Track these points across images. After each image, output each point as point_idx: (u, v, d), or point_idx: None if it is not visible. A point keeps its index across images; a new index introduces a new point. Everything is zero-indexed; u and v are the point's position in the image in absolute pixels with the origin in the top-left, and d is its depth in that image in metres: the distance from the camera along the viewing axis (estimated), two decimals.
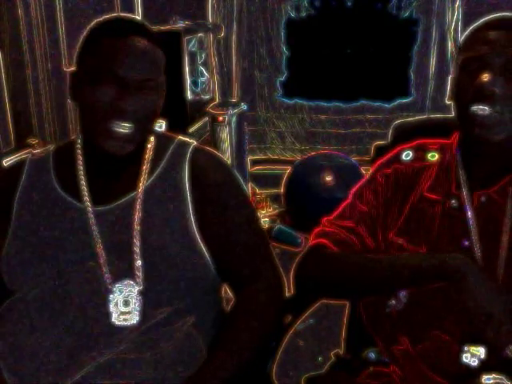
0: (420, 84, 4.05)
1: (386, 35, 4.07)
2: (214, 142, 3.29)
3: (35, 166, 1.25)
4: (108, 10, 3.40)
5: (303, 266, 1.26)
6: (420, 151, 1.23)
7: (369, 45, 4.09)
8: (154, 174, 1.21)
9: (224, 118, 3.25)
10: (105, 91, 1.11)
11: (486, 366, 1.08)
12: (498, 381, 1.07)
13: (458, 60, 1.12)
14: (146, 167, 1.21)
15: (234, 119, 3.29)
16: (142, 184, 1.19)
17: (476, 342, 1.07)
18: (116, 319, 1.12)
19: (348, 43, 4.14)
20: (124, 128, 1.12)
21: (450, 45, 3.92)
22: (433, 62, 4.00)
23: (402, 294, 1.17)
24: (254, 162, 4.20)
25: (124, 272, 1.14)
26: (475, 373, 1.10)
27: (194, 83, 3.67)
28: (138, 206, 1.17)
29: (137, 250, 1.14)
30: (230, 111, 3.30)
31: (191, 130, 3.47)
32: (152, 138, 1.26)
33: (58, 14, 3.57)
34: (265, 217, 3.72)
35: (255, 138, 4.40)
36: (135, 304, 1.13)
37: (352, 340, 1.43)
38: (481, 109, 1.05)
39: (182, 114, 3.36)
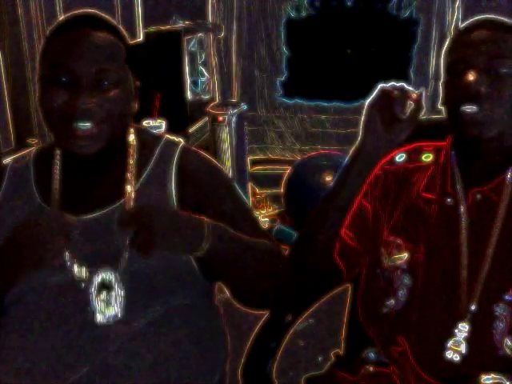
0: (420, 84, 4.05)
1: (386, 35, 4.07)
2: (214, 142, 3.29)
3: (16, 174, 1.19)
4: (108, 9, 3.39)
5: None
6: (414, 153, 1.25)
7: (369, 45, 4.09)
8: (141, 179, 1.15)
9: (224, 118, 3.25)
10: (57, 91, 1.05)
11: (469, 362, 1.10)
12: (497, 381, 1.08)
13: (445, 63, 1.14)
14: (131, 173, 1.14)
15: (233, 119, 3.29)
16: (130, 190, 1.13)
17: None
18: (99, 314, 1.08)
19: (348, 43, 4.14)
20: (84, 127, 1.05)
21: None
22: (433, 62, 4.00)
23: (401, 293, 1.18)
24: (254, 162, 4.20)
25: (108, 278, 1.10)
26: (461, 370, 1.11)
27: (194, 83, 3.67)
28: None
29: (126, 257, 1.09)
30: (230, 111, 3.30)
31: (191, 130, 3.47)
32: (132, 137, 1.19)
33: (58, 13, 3.57)
34: (265, 217, 3.72)
35: (255, 137, 4.40)
36: (117, 300, 1.09)
37: (352, 340, 1.43)
38: (469, 108, 1.07)
39: (181, 114, 3.37)
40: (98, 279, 1.10)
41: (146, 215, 1.00)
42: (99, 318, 1.09)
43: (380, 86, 1.14)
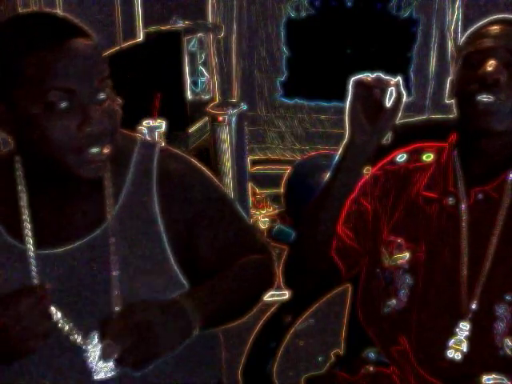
0: (420, 84, 4.05)
1: (386, 35, 4.07)
2: (214, 142, 3.29)
3: None
4: (108, 9, 3.39)
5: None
6: (415, 154, 1.25)
7: (369, 45, 4.09)
8: (121, 196, 1.01)
9: (224, 118, 3.24)
10: (59, 118, 0.89)
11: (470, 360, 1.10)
12: (497, 381, 1.08)
13: (460, 56, 1.13)
14: (108, 191, 1.00)
15: (233, 119, 3.29)
16: (109, 214, 0.99)
17: None
18: (96, 373, 0.97)
19: (348, 43, 4.14)
20: (97, 152, 0.92)
21: (449, 45, 3.92)
22: (433, 62, 4.00)
23: (403, 293, 1.17)
24: (254, 162, 4.20)
25: (93, 324, 0.96)
26: (462, 369, 1.11)
27: (194, 83, 3.67)
28: (111, 241, 0.98)
29: (114, 295, 0.97)
30: (230, 111, 3.30)
31: (191, 130, 3.47)
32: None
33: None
34: (265, 217, 3.71)
35: (255, 137, 4.39)
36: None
37: (352, 340, 1.43)
38: (485, 97, 1.06)
39: (181, 114, 3.36)
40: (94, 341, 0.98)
41: (136, 326, 0.88)
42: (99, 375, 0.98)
43: (353, 79, 1.14)
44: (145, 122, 2.82)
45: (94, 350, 0.97)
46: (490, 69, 1.06)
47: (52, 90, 0.88)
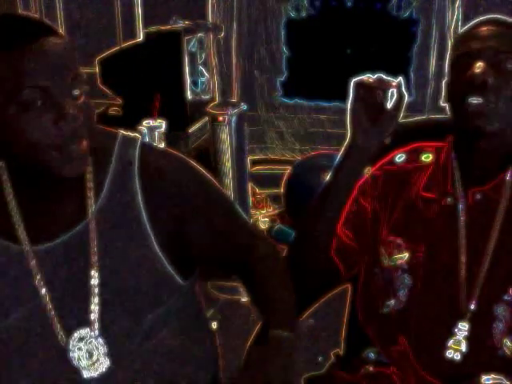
0: (420, 84, 4.05)
1: (386, 35, 4.07)
2: (214, 142, 3.29)
3: None
4: (108, 10, 3.40)
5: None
6: (414, 154, 1.25)
7: (369, 45, 4.09)
8: (103, 191, 1.01)
9: (224, 118, 3.24)
10: (33, 116, 0.89)
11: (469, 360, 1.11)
12: (497, 381, 1.08)
13: (450, 59, 1.14)
14: (89, 185, 1.01)
15: (233, 119, 3.29)
16: (91, 208, 1.00)
17: None
18: (86, 372, 1.00)
19: (348, 43, 4.14)
20: (76, 148, 0.93)
21: (449, 45, 3.92)
22: (433, 62, 4.00)
23: (402, 293, 1.18)
24: (254, 162, 4.19)
25: (77, 319, 0.99)
26: (462, 369, 1.11)
27: (194, 83, 3.67)
28: (92, 236, 0.99)
29: (95, 290, 0.98)
30: (230, 111, 3.30)
31: (191, 130, 3.47)
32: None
33: (58, 13, 3.58)
34: (265, 217, 3.71)
35: (255, 137, 4.39)
36: (99, 350, 1.00)
37: (352, 340, 1.43)
38: (475, 100, 1.07)
39: (181, 114, 3.36)
40: (75, 343, 1.00)
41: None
42: (84, 372, 1.00)
43: (354, 80, 1.14)
44: (145, 122, 2.82)
45: (77, 349, 1.00)
46: (477, 71, 1.07)
47: (26, 88, 0.88)
